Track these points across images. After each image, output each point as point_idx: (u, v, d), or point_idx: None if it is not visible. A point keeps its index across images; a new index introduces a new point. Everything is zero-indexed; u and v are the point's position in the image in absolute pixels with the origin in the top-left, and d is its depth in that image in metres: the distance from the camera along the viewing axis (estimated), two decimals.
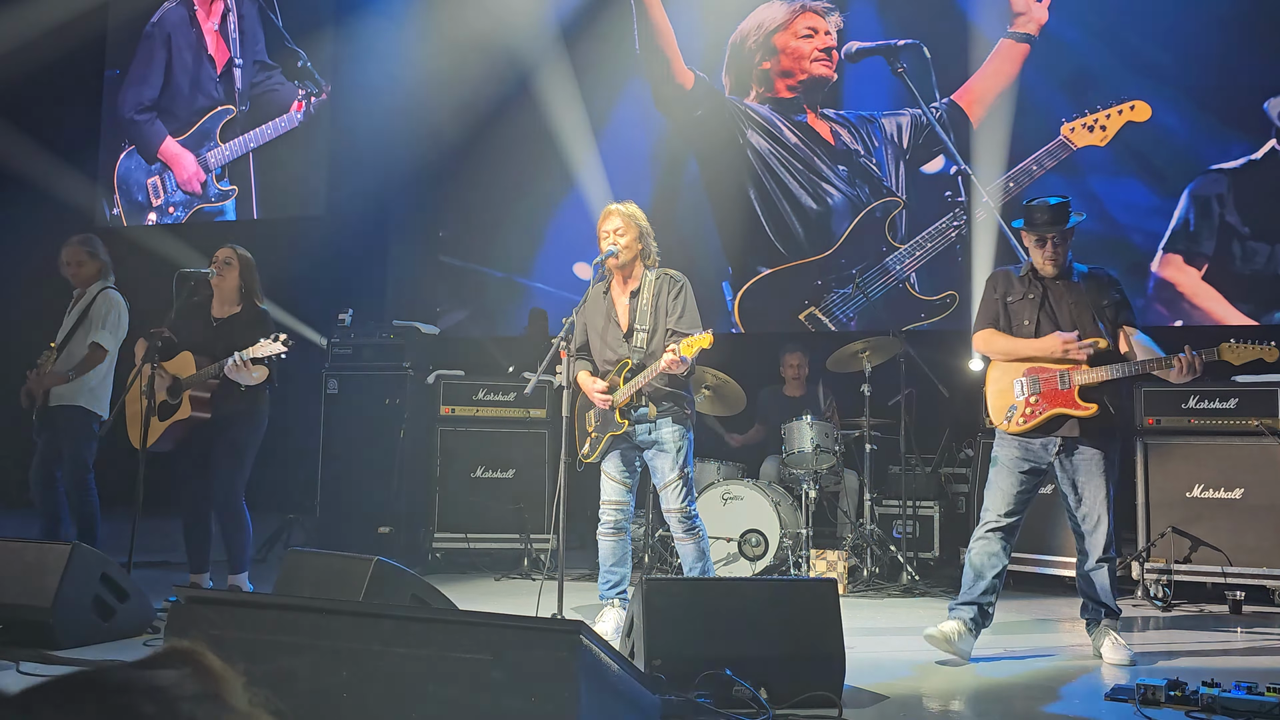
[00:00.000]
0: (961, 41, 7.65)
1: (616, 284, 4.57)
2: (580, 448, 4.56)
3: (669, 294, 4.48)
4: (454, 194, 8.88)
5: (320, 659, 2.60)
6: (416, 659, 2.56)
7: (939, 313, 7.50)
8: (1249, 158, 6.95)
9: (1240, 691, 3.28)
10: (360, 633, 2.62)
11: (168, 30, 9.81)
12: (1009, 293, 4.13)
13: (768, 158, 8.03)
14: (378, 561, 3.63)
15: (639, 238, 4.51)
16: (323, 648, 2.60)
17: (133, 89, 9.92)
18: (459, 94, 8.80)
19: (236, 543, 4.95)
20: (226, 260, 5.01)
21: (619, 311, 4.53)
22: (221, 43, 9.59)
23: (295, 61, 9.34)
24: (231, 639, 2.68)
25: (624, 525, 4.53)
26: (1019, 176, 7.34)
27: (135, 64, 9.93)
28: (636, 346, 4.44)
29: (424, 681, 2.54)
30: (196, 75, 9.66)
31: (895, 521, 6.28)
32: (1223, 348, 3.80)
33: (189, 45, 9.69)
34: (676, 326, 4.43)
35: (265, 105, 9.47)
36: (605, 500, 4.51)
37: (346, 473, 6.69)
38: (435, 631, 2.61)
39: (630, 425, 4.40)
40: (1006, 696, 3.57)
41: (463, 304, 8.71)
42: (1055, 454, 4.04)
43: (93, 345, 5.24)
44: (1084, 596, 4.19)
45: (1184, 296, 7.04)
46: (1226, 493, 5.46)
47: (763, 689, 3.18)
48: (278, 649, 2.63)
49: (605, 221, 4.53)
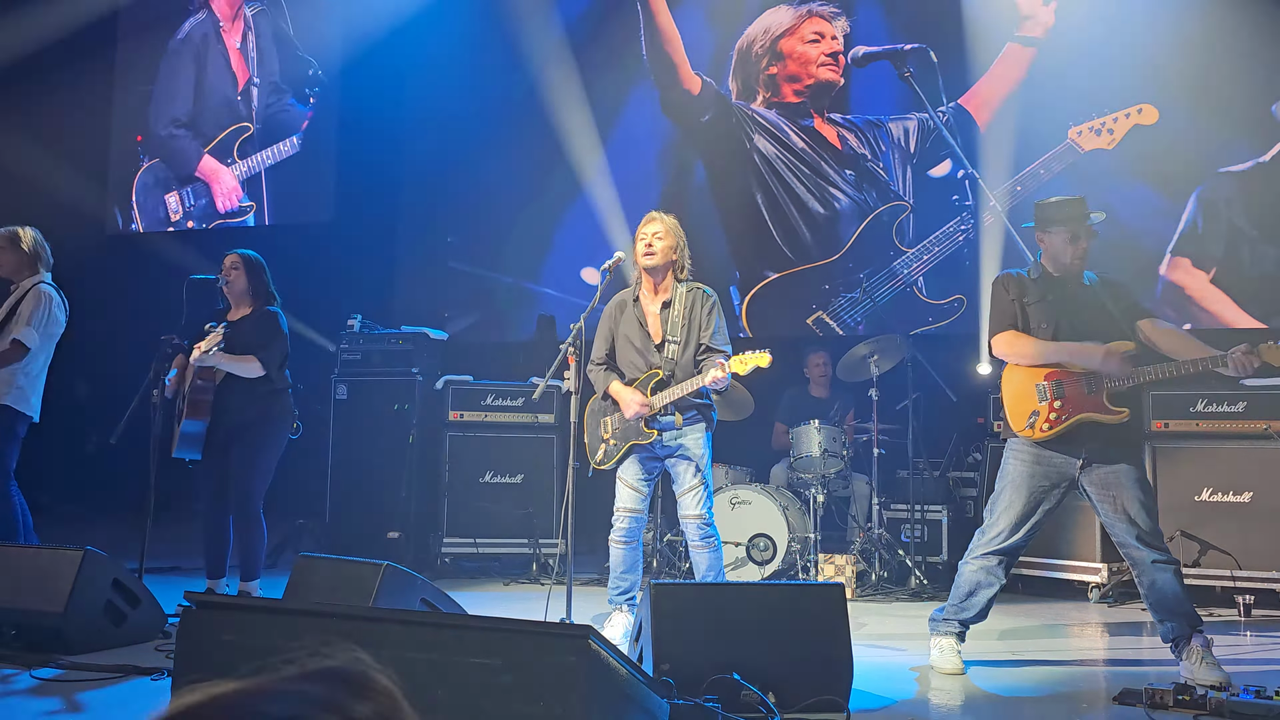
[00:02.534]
0: (968, 45, 7.65)
1: (646, 293, 4.56)
2: (593, 454, 4.54)
3: (703, 308, 4.50)
4: (462, 199, 8.91)
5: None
6: (426, 664, 2.58)
7: (946, 316, 7.50)
8: (1257, 160, 6.94)
9: (1249, 695, 3.28)
10: (370, 638, 2.63)
11: (197, 45, 9.87)
12: (1024, 294, 3.94)
13: (775, 162, 8.04)
14: (388, 567, 3.66)
15: (676, 247, 4.54)
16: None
17: (163, 104, 9.95)
18: (467, 99, 8.85)
19: (251, 550, 4.96)
20: (233, 265, 5.06)
21: (650, 321, 4.52)
22: (242, 61, 9.66)
23: (307, 70, 9.39)
24: (243, 645, 2.71)
25: (637, 533, 4.51)
26: (1026, 180, 7.34)
27: (163, 78, 9.95)
28: (668, 358, 4.44)
29: (433, 686, 2.56)
30: (223, 92, 9.73)
31: (903, 526, 6.28)
32: (1263, 349, 3.56)
33: (216, 62, 9.77)
34: (710, 342, 4.46)
35: (275, 126, 9.53)
36: (621, 507, 4.50)
37: (356, 478, 6.71)
38: (444, 636, 2.63)
39: (658, 435, 4.40)
40: (1014, 701, 3.57)
41: (471, 309, 8.74)
42: (1080, 468, 3.82)
43: (13, 342, 4.98)
44: (1158, 614, 3.80)
45: (1192, 299, 7.03)
46: (1235, 496, 5.45)
47: (770, 693, 3.19)
48: (288, 654, 2.65)
49: (646, 225, 4.57)
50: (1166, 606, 3.75)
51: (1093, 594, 5.65)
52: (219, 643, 2.73)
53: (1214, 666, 3.64)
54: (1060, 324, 3.89)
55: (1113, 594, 5.60)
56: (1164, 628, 3.80)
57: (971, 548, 3.99)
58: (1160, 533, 3.82)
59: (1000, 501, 3.92)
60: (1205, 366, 3.65)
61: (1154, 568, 3.74)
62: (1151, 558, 3.74)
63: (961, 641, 3.98)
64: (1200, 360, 3.66)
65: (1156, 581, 3.74)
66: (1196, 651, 3.69)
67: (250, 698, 0.75)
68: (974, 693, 3.68)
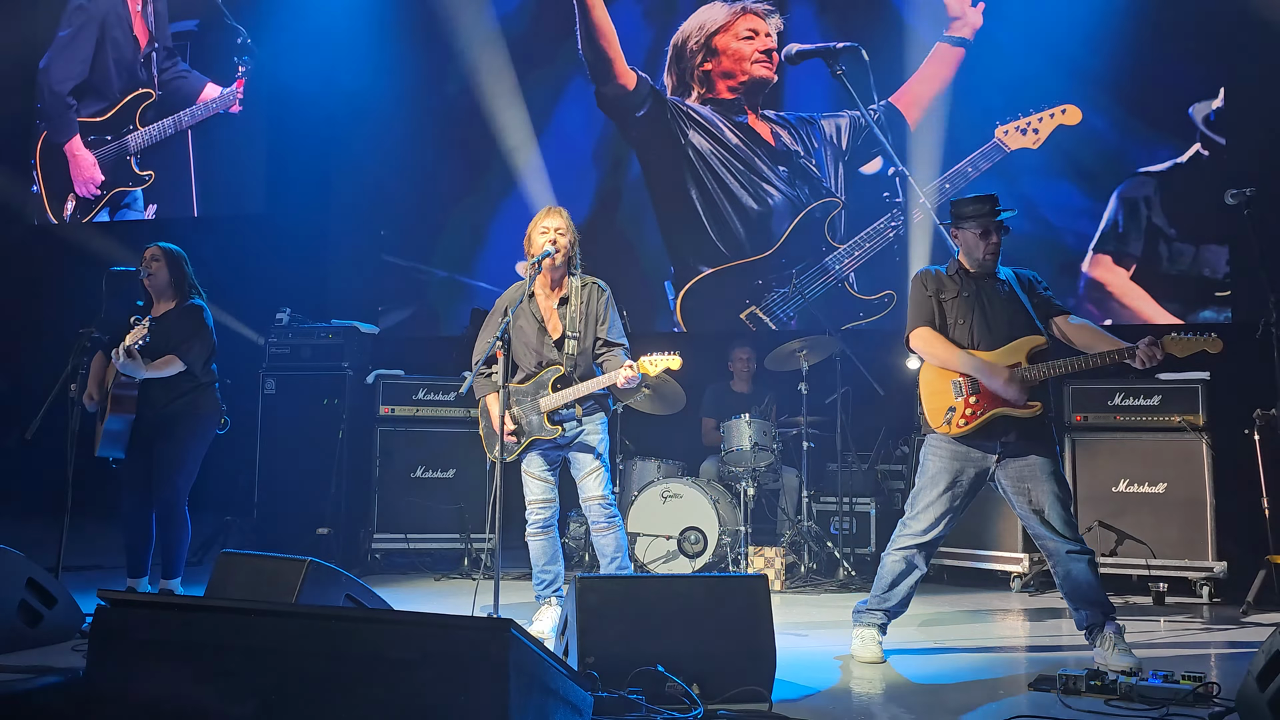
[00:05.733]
0: (899, 45, 7.76)
1: (543, 289, 4.58)
2: (491, 449, 4.54)
3: (599, 302, 4.55)
4: (396, 192, 8.83)
5: (247, 661, 2.59)
6: (345, 659, 2.56)
7: (877, 312, 7.61)
8: (1175, 161, 7.14)
9: (1157, 680, 3.39)
10: (288, 634, 2.61)
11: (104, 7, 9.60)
12: (942, 290, 4.01)
13: (709, 158, 8.09)
14: (311, 563, 3.62)
15: (574, 243, 4.57)
16: (250, 650, 2.59)
17: (62, 63, 9.64)
18: (401, 92, 8.78)
19: (173, 547, 4.88)
20: (154, 258, 4.97)
21: (548, 318, 4.55)
22: (144, 24, 9.44)
23: (235, 38, 9.22)
24: (159, 643, 2.66)
25: (552, 523, 4.58)
26: (955, 178, 7.47)
27: (65, 38, 9.65)
28: (568, 354, 4.49)
29: (354, 682, 2.54)
30: (125, 55, 9.48)
31: (832, 518, 6.37)
32: (1166, 341, 3.69)
33: (119, 23, 9.52)
34: (608, 336, 4.53)
35: (174, 93, 9.34)
36: (534, 500, 4.54)
37: (284, 474, 6.64)
38: (364, 632, 2.61)
39: (563, 429, 4.46)
40: (934, 688, 3.64)
41: (404, 303, 8.66)
42: (997, 461, 3.91)
43: None
44: (1072, 603, 3.90)
45: (1113, 296, 7.21)
46: (1150, 487, 5.61)
47: (695, 685, 3.22)
48: (204, 651, 2.61)
49: (547, 218, 4.55)
50: (1081, 595, 3.86)
51: (1014, 583, 5.78)
52: (134, 642, 2.68)
53: (1125, 652, 3.75)
54: (976, 319, 3.96)
55: (1034, 583, 5.73)
56: (1078, 615, 3.91)
57: (893, 539, 4.07)
58: (1074, 523, 3.92)
59: (920, 496, 4.01)
60: (1114, 359, 3.76)
61: (1069, 558, 3.84)
62: (1066, 548, 3.84)
63: (883, 633, 4.05)
64: (1108, 353, 3.78)
65: (1071, 571, 3.85)
66: (1109, 638, 3.80)
67: None
68: (894, 680, 3.75)
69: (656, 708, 3.11)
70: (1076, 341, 3.96)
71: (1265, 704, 2.88)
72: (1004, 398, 3.85)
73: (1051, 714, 3.22)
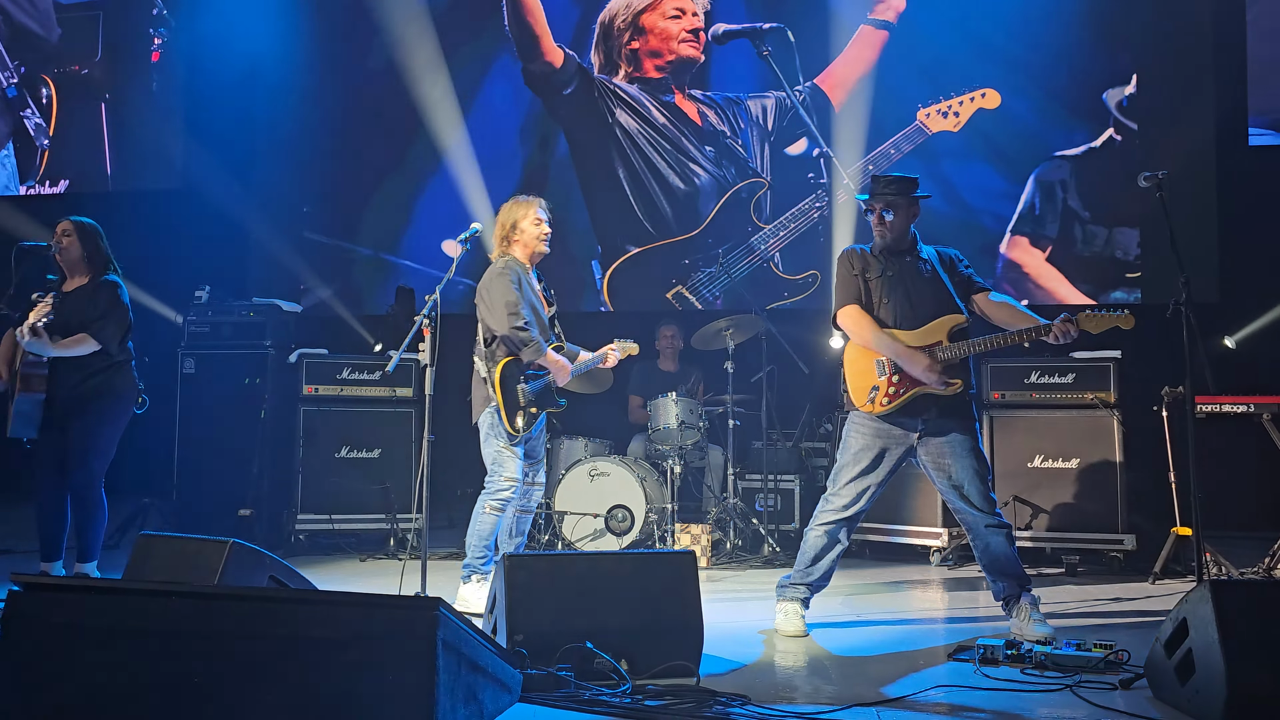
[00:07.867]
0: (824, 27, 7.84)
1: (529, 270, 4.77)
2: (513, 422, 4.53)
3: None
4: (319, 169, 8.68)
5: (168, 644, 2.54)
6: (269, 641, 2.53)
7: (801, 292, 7.70)
8: (1089, 145, 7.34)
9: (1070, 648, 3.51)
10: (209, 616, 2.57)
11: None
12: (866, 269, 4.07)
13: (636, 137, 8.09)
14: (233, 544, 3.56)
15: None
16: (170, 632, 2.55)
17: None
18: (324, 67, 8.62)
19: (88, 530, 4.76)
20: (65, 232, 4.81)
21: (541, 297, 4.77)
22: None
23: (151, 10, 8.96)
24: (75, 628, 2.60)
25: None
26: (878, 160, 7.58)
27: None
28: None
29: (277, 663, 2.52)
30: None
31: (757, 495, 6.45)
32: (1081, 317, 3.80)
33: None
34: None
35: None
36: (512, 476, 4.55)
37: (205, 455, 6.51)
38: (287, 613, 2.58)
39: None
40: (856, 660, 3.72)
41: (327, 281, 8.53)
42: (918, 438, 3.99)
43: None
44: (990, 575, 4.01)
45: (1029, 277, 7.40)
46: (1064, 463, 5.78)
47: (623, 660, 3.24)
48: (122, 635, 2.56)
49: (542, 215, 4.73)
50: (998, 568, 3.98)
51: (934, 557, 5.92)
52: (49, 626, 2.62)
53: (1040, 622, 3.87)
54: (899, 298, 4.03)
55: (952, 557, 5.88)
56: (996, 587, 4.02)
57: (816, 515, 4.13)
58: (993, 498, 4.03)
59: (842, 472, 4.08)
60: (1030, 336, 3.86)
61: (987, 532, 3.95)
62: (985, 522, 3.95)
63: (806, 607, 4.12)
64: (1025, 330, 3.88)
65: (990, 544, 3.96)
66: (1025, 609, 3.92)
67: None
68: (817, 652, 3.82)
69: (585, 684, 3.13)
70: (995, 318, 4.05)
71: (1172, 669, 3.01)
72: (923, 382, 3.94)
73: (970, 683, 3.32)
